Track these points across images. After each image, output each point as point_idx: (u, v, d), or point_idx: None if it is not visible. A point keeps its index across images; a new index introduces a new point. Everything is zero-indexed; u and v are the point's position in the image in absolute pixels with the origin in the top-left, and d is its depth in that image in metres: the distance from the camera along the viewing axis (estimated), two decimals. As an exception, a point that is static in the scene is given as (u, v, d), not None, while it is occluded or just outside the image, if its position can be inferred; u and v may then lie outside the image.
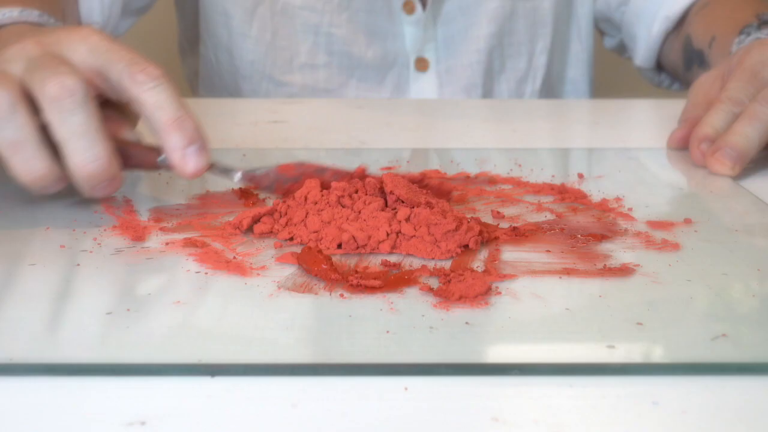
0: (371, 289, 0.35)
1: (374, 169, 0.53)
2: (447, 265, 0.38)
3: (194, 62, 0.93)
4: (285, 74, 0.84)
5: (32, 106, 0.40)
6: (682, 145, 0.58)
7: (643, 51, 0.84)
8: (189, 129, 0.41)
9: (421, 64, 0.85)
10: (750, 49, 0.59)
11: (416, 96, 0.85)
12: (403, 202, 0.41)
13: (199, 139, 0.42)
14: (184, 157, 0.42)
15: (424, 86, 0.85)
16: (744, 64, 0.58)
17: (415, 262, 0.38)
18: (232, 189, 0.48)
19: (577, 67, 0.91)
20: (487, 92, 0.87)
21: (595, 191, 0.49)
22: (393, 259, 0.38)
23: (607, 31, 0.92)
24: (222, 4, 0.83)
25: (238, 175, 0.46)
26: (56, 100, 0.39)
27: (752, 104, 0.54)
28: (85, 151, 0.40)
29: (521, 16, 0.86)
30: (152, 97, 0.41)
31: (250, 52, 0.84)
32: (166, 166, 0.43)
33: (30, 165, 0.40)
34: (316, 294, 0.34)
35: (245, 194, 0.47)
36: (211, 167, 0.44)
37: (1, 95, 0.39)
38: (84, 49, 0.42)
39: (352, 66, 0.84)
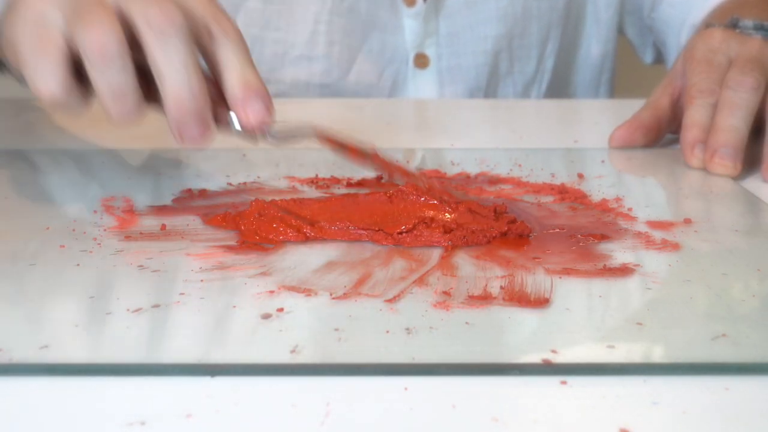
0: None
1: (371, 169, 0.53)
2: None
3: None
4: (273, 71, 0.81)
5: (129, 34, 0.39)
6: (622, 143, 0.60)
7: (674, 58, 0.84)
8: (254, 84, 0.42)
9: (421, 61, 0.82)
10: (693, 43, 0.61)
11: (414, 95, 0.82)
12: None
13: (261, 95, 0.42)
14: (245, 110, 0.42)
15: (423, 85, 0.82)
16: (695, 58, 0.59)
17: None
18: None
19: (586, 72, 0.89)
20: (491, 95, 0.85)
21: (595, 191, 0.49)
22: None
23: (638, 42, 0.91)
24: None
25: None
26: (160, 28, 0.39)
27: (725, 92, 0.54)
28: (183, 83, 0.39)
29: (535, 16, 0.83)
30: (223, 54, 0.42)
31: None
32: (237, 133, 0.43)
33: (128, 111, 0.40)
34: (317, 294, 0.34)
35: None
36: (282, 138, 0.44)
37: (108, 33, 0.38)
38: None
39: (351, 59, 0.81)
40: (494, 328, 0.32)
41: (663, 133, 0.61)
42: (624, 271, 0.37)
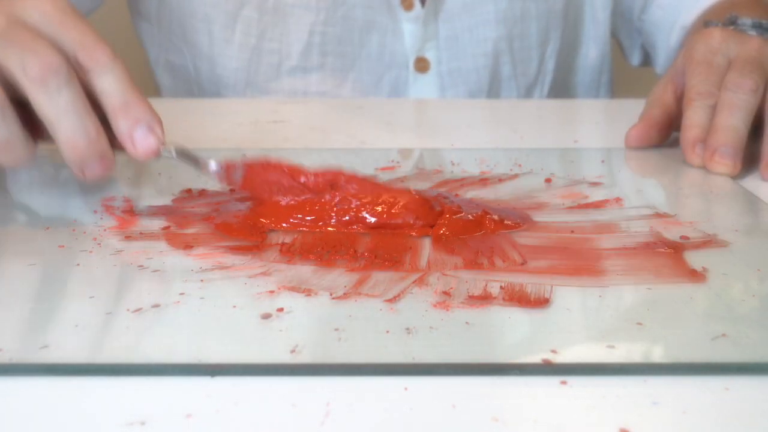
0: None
1: (371, 169, 0.53)
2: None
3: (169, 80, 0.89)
4: (269, 81, 0.81)
5: (5, 80, 0.39)
6: (638, 143, 0.60)
7: (663, 60, 0.85)
8: (135, 111, 0.41)
9: (421, 65, 0.81)
10: (693, 43, 0.60)
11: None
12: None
13: (145, 120, 0.41)
14: (132, 141, 0.41)
15: (424, 89, 0.82)
16: (695, 58, 0.59)
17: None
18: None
19: (586, 73, 0.89)
20: (493, 99, 0.84)
21: (596, 191, 0.49)
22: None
23: (627, 44, 0.91)
24: (203, 10, 0.80)
25: (213, 165, 0.44)
26: (41, 80, 0.38)
27: (724, 94, 0.55)
28: (75, 127, 0.39)
29: (533, 17, 0.83)
30: (99, 85, 0.40)
31: (233, 59, 0.80)
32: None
33: (17, 159, 0.40)
34: (317, 294, 0.34)
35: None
36: (182, 155, 0.43)
37: None
38: (36, 15, 0.40)
39: (346, 68, 0.81)
40: (494, 328, 0.32)
41: (672, 129, 0.61)
42: (625, 270, 0.37)
